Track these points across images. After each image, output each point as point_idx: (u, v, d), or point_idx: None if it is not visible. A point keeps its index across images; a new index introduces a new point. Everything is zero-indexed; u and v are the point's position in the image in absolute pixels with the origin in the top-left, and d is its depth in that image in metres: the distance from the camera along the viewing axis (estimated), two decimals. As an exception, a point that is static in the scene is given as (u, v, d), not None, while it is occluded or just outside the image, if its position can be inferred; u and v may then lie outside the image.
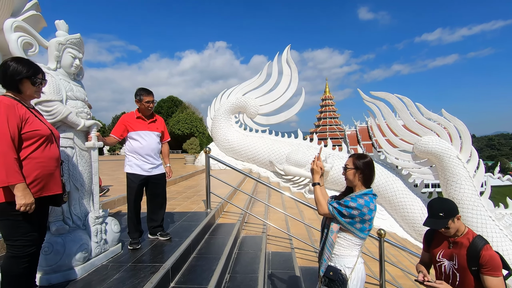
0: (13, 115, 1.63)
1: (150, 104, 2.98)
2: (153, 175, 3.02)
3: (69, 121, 2.30)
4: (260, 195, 7.65)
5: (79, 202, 2.45)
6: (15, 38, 2.15)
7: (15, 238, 1.66)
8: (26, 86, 1.76)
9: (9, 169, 1.56)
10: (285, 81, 11.91)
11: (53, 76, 2.28)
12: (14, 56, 1.85)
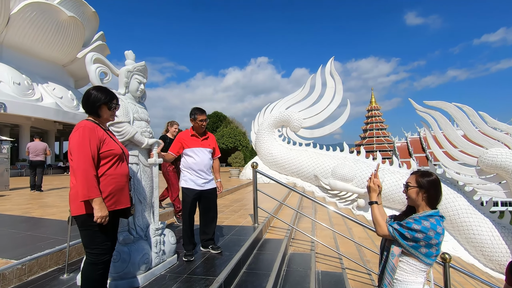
0: (93, 137, 1.86)
1: (203, 122, 3.17)
2: (206, 189, 3.16)
3: (135, 140, 2.54)
4: (306, 210, 7.48)
5: (142, 214, 2.66)
6: (94, 69, 2.48)
7: (93, 246, 1.86)
8: (104, 111, 2.00)
9: (90, 185, 1.76)
10: (329, 93, 11.72)
11: (123, 100, 2.56)
12: (95, 86, 2.11)
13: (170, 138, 4.90)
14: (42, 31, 19.15)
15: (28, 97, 17.80)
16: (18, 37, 18.55)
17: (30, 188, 8.87)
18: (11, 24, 17.80)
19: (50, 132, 24.85)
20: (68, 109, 20.51)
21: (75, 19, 20.38)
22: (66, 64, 23.03)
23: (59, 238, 3.38)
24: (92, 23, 24.15)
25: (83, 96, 2.00)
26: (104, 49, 26.02)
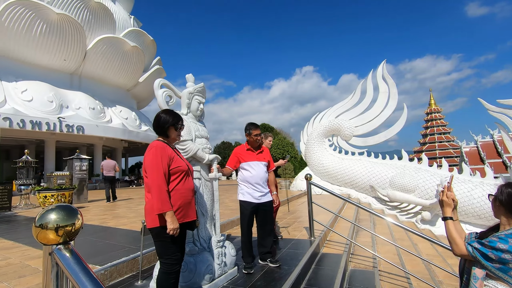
0: (164, 155, 2.04)
1: (258, 137, 3.26)
2: (262, 202, 3.21)
3: (198, 156, 2.72)
4: (364, 223, 7.06)
5: (204, 227, 2.80)
6: (161, 93, 2.74)
7: (166, 256, 2.01)
8: (172, 131, 2.20)
9: (163, 200, 1.93)
10: (382, 98, 11.09)
11: (186, 120, 2.77)
12: (163, 109, 2.34)
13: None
14: (111, 61, 21.86)
15: (100, 119, 20.29)
16: (93, 68, 21.43)
17: (106, 199, 10.19)
18: (87, 58, 20.69)
19: (118, 150, 27.79)
20: (132, 128, 22.79)
21: (137, 48, 22.86)
22: (130, 88, 25.79)
23: (132, 246, 3.73)
24: (150, 50, 26.81)
25: (154, 119, 2.22)
26: (161, 72, 28.57)
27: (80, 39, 19.52)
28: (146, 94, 29.50)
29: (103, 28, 21.33)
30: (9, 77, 17.18)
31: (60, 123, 17.43)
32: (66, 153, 26.57)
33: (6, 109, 15.52)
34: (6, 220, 6.74)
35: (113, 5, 23.98)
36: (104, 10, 21.18)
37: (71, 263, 0.80)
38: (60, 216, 0.87)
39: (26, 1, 16.67)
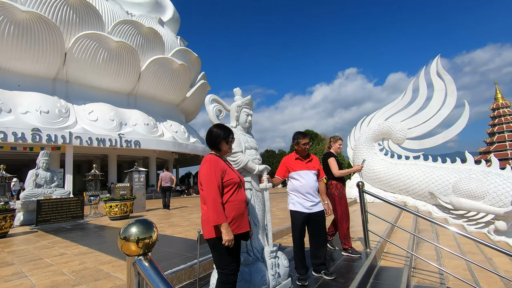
0: (217, 168, 2.13)
1: (306, 145, 3.23)
2: (314, 212, 3.14)
3: (248, 167, 2.78)
4: (425, 234, 6.47)
5: (257, 237, 2.83)
6: (212, 108, 2.89)
7: (223, 267, 2.08)
8: (223, 145, 2.29)
9: (218, 212, 2.01)
10: (438, 97, 10.19)
11: (235, 132, 2.87)
12: (215, 124, 2.45)
13: (334, 154, 4.34)
14: (161, 79, 23.67)
15: (153, 134, 21.96)
16: (146, 87, 23.42)
17: (163, 207, 11.19)
18: (141, 79, 22.70)
19: (169, 161, 29.68)
20: (181, 141, 24.21)
21: (184, 65, 24.45)
22: (179, 103, 27.55)
23: (188, 254, 3.92)
24: (195, 66, 28.44)
25: (207, 134, 2.33)
26: (206, 86, 30.06)
27: (135, 62, 21.54)
28: (193, 108, 31.19)
29: (154, 50, 23.27)
30: (78, 101, 19.61)
31: (120, 139, 19.27)
32: (126, 166, 29.19)
33: (77, 129, 17.69)
34: (80, 228, 7.60)
35: (162, 28, 26.07)
36: (154, 34, 23.14)
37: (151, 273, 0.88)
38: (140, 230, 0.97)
39: (91, 33, 19.00)
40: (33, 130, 15.73)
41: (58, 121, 17.28)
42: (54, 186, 9.80)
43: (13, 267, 3.90)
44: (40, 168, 9.62)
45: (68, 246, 5.19)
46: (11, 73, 17.58)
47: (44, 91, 18.21)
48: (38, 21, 16.76)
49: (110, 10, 22.21)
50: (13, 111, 15.92)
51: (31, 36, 16.82)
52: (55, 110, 17.37)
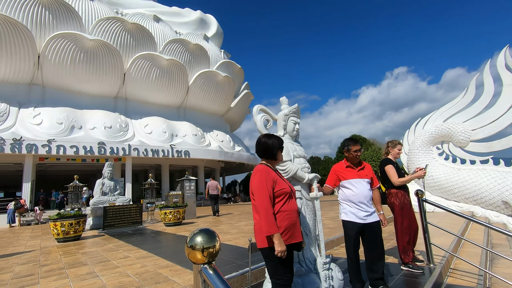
0: (269, 178, 2.14)
1: (357, 153, 3.09)
2: (369, 223, 2.98)
3: (297, 176, 2.76)
4: (501, 250, 5.68)
5: (308, 247, 2.77)
6: (260, 118, 2.94)
7: (277, 277, 2.07)
8: (279, 154, 2.31)
9: (270, 222, 2.01)
10: (508, 92, 9.02)
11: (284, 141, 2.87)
12: (265, 134, 2.46)
13: (392, 161, 4.00)
14: (207, 92, 24.89)
15: (201, 144, 23.05)
16: (194, 100, 24.80)
17: (213, 214, 11.98)
18: (189, 92, 24.13)
19: (216, 170, 30.77)
20: (227, 149, 24.98)
21: (228, 77, 25.41)
22: (224, 113, 28.60)
23: (239, 262, 3.99)
24: (239, 77, 29.34)
25: (260, 144, 2.33)
26: (249, 96, 30.77)
27: (184, 77, 23.01)
28: (237, 117, 32.06)
29: (200, 64, 24.64)
30: (135, 116, 21.52)
31: (172, 149, 20.59)
32: (177, 174, 31.00)
33: (135, 142, 19.39)
34: (139, 233, 8.23)
35: (207, 44, 27.53)
36: (200, 50, 24.53)
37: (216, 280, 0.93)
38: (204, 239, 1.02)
39: (145, 54, 20.86)
40: (99, 144, 17.65)
41: (119, 135, 19.15)
42: (117, 194, 10.81)
43: (86, 267, 4.37)
44: (106, 178, 10.71)
45: (131, 249, 5.65)
46: (81, 95, 20.06)
47: (107, 108, 20.39)
48: (102, 47, 18.95)
49: (161, 31, 24.18)
50: (83, 128, 18.09)
51: (97, 61, 19.05)
52: (116, 125, 19.30)
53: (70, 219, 7.40)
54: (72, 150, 16.71)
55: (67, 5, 18.66)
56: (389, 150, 4.09)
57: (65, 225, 7.31)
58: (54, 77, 18.56)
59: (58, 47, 17.74)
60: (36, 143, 15.79)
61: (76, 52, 18.23)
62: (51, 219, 7.41)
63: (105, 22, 20.03)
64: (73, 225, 7.42)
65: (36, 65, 17.79)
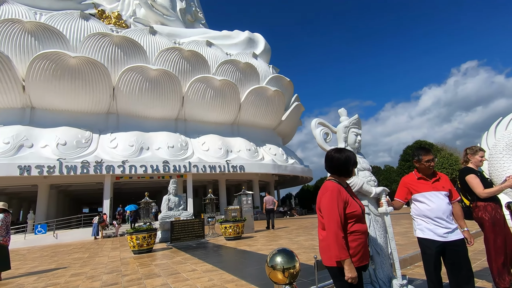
0: (340, 199, 2.02)
1: (430, 163, 2.82)
2: (450, 241, 2.65)
3: (363, 190, 2.63)
4: None
5: (381, 267, 2.58)
6: (319, 132, 2.91)
7: None
8: (352, 170, 2.17)
9: (340, 247, 1.91)
10: None
11: (345, 154, 2.79)
12: (335, 148, 2.32)
13: (473, 169, 3.52)
14: (258, 107, 25.55)
15: (255, 158, 23.51)
16: (246, 116, 25.65)
17: (267, 227, 12.23)
18: (241, 109, 25.06)
19: (270, 183, 30.88)
20: (280, 163, 25.00)
21: (277, 91, 25.78)
22: (275, 127, 28.88)
23: (304, 280, 3.88)
24: (288, 90, 29.52)
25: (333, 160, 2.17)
26: (299, 108, 30.64)
27: (236, 95, 24.07)
28: (289, 130, 32.04)
29: (250, 81, 25.54)
30: (194, 135, 23.06)
31: (228, 165, 21.41)
32: (233, 189, 31.95)
33: (194, 159, 20.70)
34: (203, 246, 8.63)
35: (256, 61, 28.48)
36: (250, 68, 25.49)
37: (299, 302, 0.93)
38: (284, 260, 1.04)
39: (201, 77, 22.48)
40: (164, 163, 19.28)
41: (180, 153, 20.68)
42: (181, 209, 11.57)
43: (160, 279, 4.72)
44: (171, 194, 11.58)
45: (197, 263, 5.94)
46: (148, 119, 22.34)
47: (169, 129, 22.29)
48: (164, 75, 21.01)
49: (213, 54, 25.87)
50: (150, 149, 20.02)
51: (160, 88, 21.15)
52: (178, 144, 20.92)
53: (143, 233, 8.14)
54: (142, 169, 18.54)
55: (134, 42, 21.31)
56: (468, 158, 3.59)
57: (139, 238, 8.05)
58: (125, 105, 21.11)
59: (128, 79, 20.21)
60: (113, 164, 17.96)
61: (143, 82, 20.52)
62: (128, 232, 8.24)
63: (165, 53, 22.26)
64: (146, 238, 8.14)
65: (112, 96, 20.49)
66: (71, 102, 19.53)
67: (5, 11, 20.06)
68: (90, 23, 22.22)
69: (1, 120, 18.05)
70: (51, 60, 17.69)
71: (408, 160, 30.36)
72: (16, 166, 15.62)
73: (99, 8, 28.54)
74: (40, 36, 18.65)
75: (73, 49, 19.72)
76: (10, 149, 16.30)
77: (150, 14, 31.27)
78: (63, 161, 16.77)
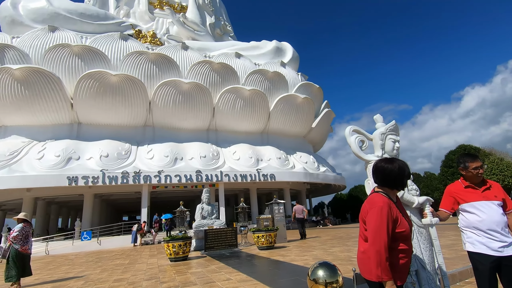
0: (391, 219, 1.85)
1: (479, 170, 2.61)
2: (507, 256, 2.41)
3: (405, 200, 2.49)
4: None
5: (428, 283, 2.41)
6: (354, 140, 2.84)
7: None
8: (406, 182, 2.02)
9: (383, 268, 1.79)
10: None
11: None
12: (384, 158, 2.18)
13: None
14: (288, 115, 25.48)
15: (286, 167, 23.33)
16: (275, 125, 25.70)
17: (300, 237, 12.09)
18: (271, 117, 25.17)
19: (302, 192, 30.36)
20: (312, 171, 24.54)
21: (307, 98, 25.56)
22: (305, 134, 28.53)
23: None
24: (318, 97, 29.14)
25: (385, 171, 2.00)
26: (330, 114, 30.03)
27: (265, 104, 24.26)
28: (320, 137, 31.46)
29: (279, 90, 25.63)
30: (225, 145, 23.52)
31: (258, 173, 21.47)
32: (264, 197, 31.88)
33: (225, 168, 21.06)
34: (236, 255, 8.66)
35: (284, 69, 28.58)
36: (278, 76, 25.65)
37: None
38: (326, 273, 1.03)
39: (230, 87, 23.04)
40: (197, 172, 19.85)
41: (212, 163, 21.18)
42: (214, 218, 11.77)
43: (196, 287, 4.81)
44: (204, 203, 11.86)
45: (231, 272, 5.97)
46: (181, 130, 23.25)
47: (201, 140, 22.97)
48: (196, 88, 21.85)
49: (242, 65, 26.41)
50: (183, 159, 20.76)
51: (192, 100, 21.99)
52: (209, 154, 21.47)
53: (179, 241, 8.38)
54: (176, 179, 19.24)
55: (168, 58, 22.50)
56: None
57: (175, 246, 8.31)
58: (160, 118, 22.21)
59: (163, 93, 21.30)
60: (150, 174, 18.86)
61: (176, 95, 21.50)
62: (165, 240, 8.55)
63: (196, 66, 23.19)
64: (181, 246, 8.38)
65: (148, 110, 21.69)
66: (112, 117, 20.98)
67: (56, 37, 22.29)
68: (128, 43, 23.90)
69: (53, 135, 19.86)
70: (95, 79, 19.25)
71: (451, 166, 28.22)
72: (66, 177, 17.02)
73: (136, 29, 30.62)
74: (86, 58, 20.43)
75: (114, 68, 21.29)
76: (60, 161, 17.84)
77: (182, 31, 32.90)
78: (106, 172, 17.96)
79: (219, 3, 41.62)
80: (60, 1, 25.80)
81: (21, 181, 16.73)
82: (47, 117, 19.86)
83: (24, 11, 24.20)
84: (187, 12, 34.41)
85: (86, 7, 27.89)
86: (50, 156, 17.96)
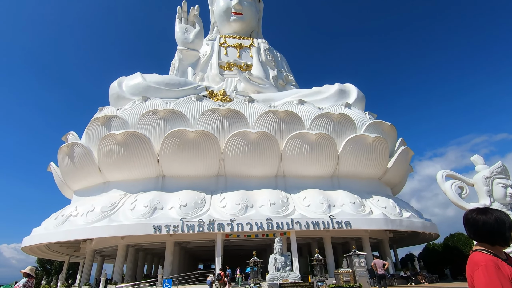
0: (504, 278, 1.53)
1: None
2: None
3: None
4: None
5: None
6: (449, 186, 2.51)
7: None
8: (510, 236, 1.67)
9: None
10: None
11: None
12: (475, 208, 1.83)
13: None
14: (358, 156, 24.15)
15: (362, 212, 21.38)
16: (345, 167, 24.47)
17: None
18: (340, 160, 24.19)
19: (384, 241, 26.90)
20: (393, 217, 21.86)
21: (378, 137, 24.06)
22: (381, 176, 26.22)
23: None
24: (391, 135, 27.17)
25: (478, 224, 1.71)
26: (407, 152, 27.39)
27: (332, 146, 23.66)
28: (398, 178, 28.53)
29: (346, 131, 24.89)
30: (293, 190, 23.15)
31: (332, 220, 20.08)
32: (339, 247, 29.20)
33: (296, 215, 20.40)
34: (316, 316, 7.84)
35: (350, 110, 27.98)
36: (344, 118, 25.15)
37: None
38: None
39: (297, 133, 23.40)
40: (267, 220, 19.67)
41: (282, 210, 20.83)
42: (288, 270, 11.17)
43: None
44: (277, 253, 11.47)
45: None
46: (250, 178, 23.98)
47: (270, 187, 23.14)
48: (263, 137, 22.86)
49: (306, 111, 26.91)
50: (254, 206, 21.00)
51: (259, 148, 22.91)
52: (279, 201, 21.29)
53: (254, 295, 8.08)
54: (248, 227, 19.33)
55: (237, 111, 24.53)
56: None
57: (251, 300, 8.01)
58: (231, 167, 23.50)
59: (233, 144, 22.83)
60: (223, 223, 19.45)
61: (245, 145, 22.76)
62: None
63: (262, 116, 24.55)
64: (257, 301, 8.03)
65: (220, 160, 23.30)
66: (190, 169, 23.10)
67: (148, 105, 26.77)
68: (203, 103, 27.10)
69: (143, 187, 22.68)
70: (176, 136, 21.97)
71: None
72: (151, 226, 18.81)
73: (209, 90, 34.77)
74: (169, 119, 23.75)
75: (191, 125, 24.07)
76: (147, 211, 19.97)
77: (248, 86, 35.97)
78: (184, 221, 19.25)
79: (281, 56, 44.80)
80: (151, 76, 31.44)
81: (118, 230, 19.10)
82: (139, 172, 23.01)
83: (126, 87, 30.10)
84: (252, 69, 37.81)
85: (171, 78, 33.24)
86: (140, 207, 20.31)
